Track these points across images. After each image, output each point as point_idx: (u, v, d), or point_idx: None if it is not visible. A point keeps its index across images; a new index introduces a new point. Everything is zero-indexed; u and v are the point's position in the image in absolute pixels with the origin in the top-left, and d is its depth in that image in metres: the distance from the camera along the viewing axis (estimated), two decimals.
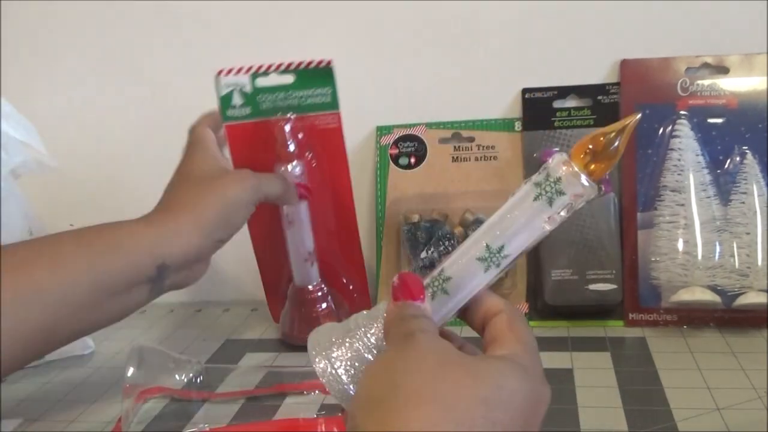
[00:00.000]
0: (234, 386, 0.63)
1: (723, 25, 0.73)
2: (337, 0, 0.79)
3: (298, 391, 0.61)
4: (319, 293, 0.70)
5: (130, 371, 0.60)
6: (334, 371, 0.37)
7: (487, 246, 0.38)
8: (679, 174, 0.68)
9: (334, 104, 0.67)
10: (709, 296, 0.65)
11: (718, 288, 0.65)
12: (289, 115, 0.66)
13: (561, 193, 0.36)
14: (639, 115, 0.38)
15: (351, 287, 0.74)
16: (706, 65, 0.72)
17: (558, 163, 0.38)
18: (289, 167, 0.65)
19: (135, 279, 0.50)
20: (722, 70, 0.72)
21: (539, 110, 0.76)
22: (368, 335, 0.38)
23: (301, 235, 0.67)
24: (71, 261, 0.47)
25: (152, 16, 0.83)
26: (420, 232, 0.74)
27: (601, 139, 0.37)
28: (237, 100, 0.66)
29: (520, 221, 0.38)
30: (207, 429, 0.56)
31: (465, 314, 0.41)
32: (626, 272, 0.70)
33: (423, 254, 0.73)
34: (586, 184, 0.37)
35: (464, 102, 0.79)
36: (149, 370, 0.62)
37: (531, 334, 0.37)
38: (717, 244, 0.66)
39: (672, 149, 0.70)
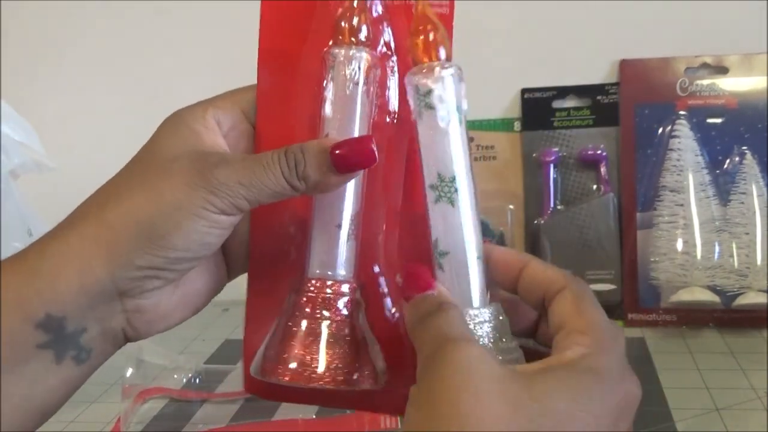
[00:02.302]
0: (233, 386, 0.63)
1: (722, 25, 0.73)
2: None
3: None
4: (346, 298, 0.36)
5: (130, 371, 0.60)
6: None
7: (431, 186, 0.34)
8: (678, 174, 0.68)
9: None
10: (708, 296, 0.65)
11: (718, 288, 0.65)
12: None
13: (429, 92, 0.33)
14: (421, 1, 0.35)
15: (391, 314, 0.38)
16: (705, 65, 0.72)
17: (409, 80, 0.34)
18: (351, 52, 0.36)
19: (17, 348, 0.32)
20: (722, 70, 0.72)
21: (538, 110, 0.76)
22: None
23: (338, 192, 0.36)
24: None
25: (152, 17, 0.83)
26: None
27: (420, 37, 0.34)
28: None
29: (431, 142, 0.33)
30: (206, 429, 0.56)
31: (519, 289, 0.35)
32: (625, 272, 0.70)
33: None
34: (436, 66, 0.34)
35: None
36: (149, 370, 0.62)
37: (603, 315, 0.32)
38: (716, 244, 0.66)
39: (671, 149, 0.70)
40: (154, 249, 0.32)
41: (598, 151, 0.72)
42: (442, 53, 0.34)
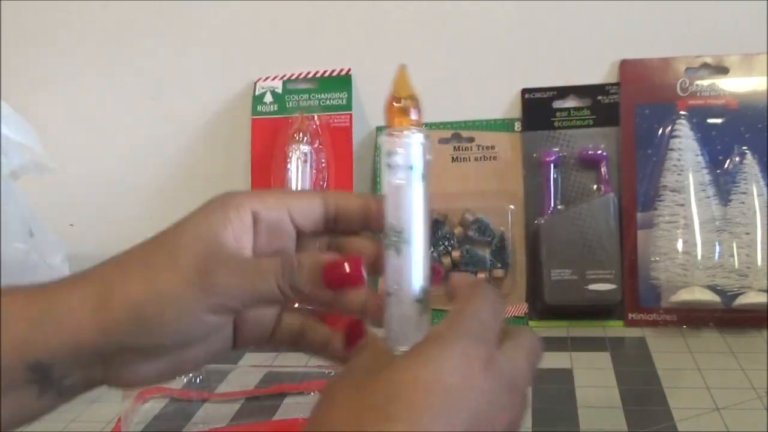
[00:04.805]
0: (234, 386, 0.63)
1: (723, 25, 0.73)
2: (336, 0, 0.79)
3: (298, 391, 0.61)
4: None
5: None
6: None
7: (384, 233, 0.38)
8: (678, 174, 0.68)
9: (348, 106, 0.79)
10: (708, 296, 0.65)
11: (718, 288, 0.65)
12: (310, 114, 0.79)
13: (390, 153, 0.38)
14: (402, 64, 0.40)
15: None
16: (705, 65, 0.72)
17: (380, 139, 0.39)
18: (301, 147, 0.75)
19: (10, 381, 0.36)
20: (722, 70, 0.72)
21: (539, 110, 0.76)
22: None
23: None
24: None
25: (153, 18, 0.83)
26: None
27: (395, 104, 0.38)
28: (268, 98, 0.81)
29: (388, 195, 0.38)
30: (207, 429, 0.56)
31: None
32: (626, 272, 0.70)
33: None
34: (402, 131, 0.38)
35: (464, 102, 0.79)
36: None
37: (481, 306, 0.34)
38: (716, 244, 0.66)
39: (672, 149, 0.70)
40: (139, 334, 0.35)
41: (599, 151, 0.73)
42: (413, 116, 0.38)
